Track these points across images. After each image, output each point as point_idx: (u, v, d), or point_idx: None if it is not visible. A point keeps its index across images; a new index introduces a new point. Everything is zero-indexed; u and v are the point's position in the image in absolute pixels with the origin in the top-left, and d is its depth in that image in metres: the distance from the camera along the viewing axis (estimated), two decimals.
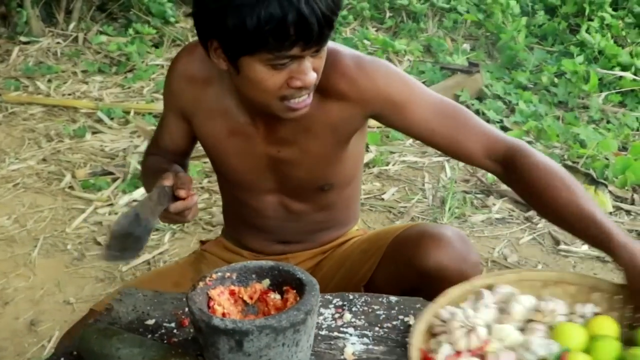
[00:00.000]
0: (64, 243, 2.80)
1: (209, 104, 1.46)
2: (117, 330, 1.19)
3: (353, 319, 1.29)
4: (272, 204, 1.56)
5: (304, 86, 1.27)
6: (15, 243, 2.79)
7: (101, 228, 2.92)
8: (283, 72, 1.25)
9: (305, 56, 1.24)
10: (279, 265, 1.20)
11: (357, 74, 1.39)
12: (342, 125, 1.44)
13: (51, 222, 2.96)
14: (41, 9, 4.98)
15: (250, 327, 1.04)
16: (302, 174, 1.50)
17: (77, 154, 3.57)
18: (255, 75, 1.26)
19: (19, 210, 3.04)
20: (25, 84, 4.39)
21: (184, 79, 1.47)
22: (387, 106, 1.41)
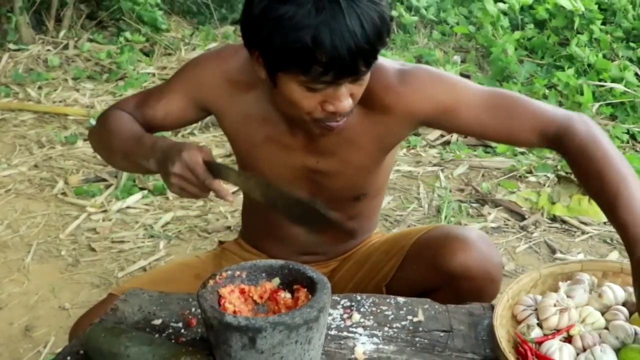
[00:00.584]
0: (58, 249, 2.77)
1: (247, 108, 1.42)
2: (124, 328, 1.17)
3: (362, 319, 1.28)
4: None
5: (337, 112, 1.26)
6: (8, 248, 2.75)
7: (95, 234, 2.89)
8: (318, 94, 1.23)
9: (342, 82, 1.22)
10: (289, 264, 1.19)
11: (402, 87, 1.37)
12: (387, 136, 1.43)
13: (44, 228, 2.92)
14: (31, 17, 4.96)
15: (264, 324, 1.03)
16: (338, 185, 1.48)
17: (69, 160, 3.55)
18: (290, 93, 1.25)
19: (12, 216, 3.00)
20: (16, 91, 4.36)
21: (222, 78, 1.42)
22: (436, 113, 1.39)
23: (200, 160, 1.21)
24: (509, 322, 1.22)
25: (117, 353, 1.10)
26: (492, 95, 1.41)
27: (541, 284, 1.29)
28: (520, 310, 1.22)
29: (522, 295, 1.25)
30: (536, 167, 3.45)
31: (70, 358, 1.18)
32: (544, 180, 3.37)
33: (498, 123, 1.38)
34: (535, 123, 1.36)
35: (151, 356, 1.09)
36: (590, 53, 4.46)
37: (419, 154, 3.74)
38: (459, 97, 1.40)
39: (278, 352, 1.05)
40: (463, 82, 1.43)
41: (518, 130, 1.38)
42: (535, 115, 1.37)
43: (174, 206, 3.15)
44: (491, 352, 1.20)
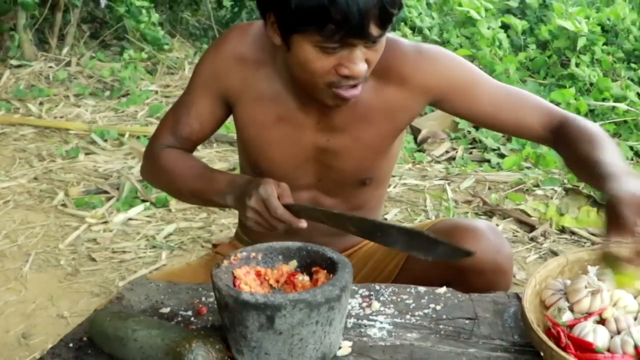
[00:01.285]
0: (57, 259, 2.69)
1: (259, 87, 1.38)
2: (132, 313, 1.11)
3: (382, 308, 1.22)
4: (303, 200, 1.46)
5: (351, 75, 1.23)
6: (5, 258, 2.68)
7: (95, 245, 2.83)
8: (332, 57, 1.21)
9: (357, 45, 1.20)
10: (307, 245, 1.13)
11: (419, 58, 1.37)
12: (400, 113, 1.40)
13: (43, 238, 2.85)
14: (34, 34, 4.94)
15: (284, 301, 0.96)
16: (347, 165, 1.43)
17: (69, 173, 3.49)
18: (304, 55, 1.22)
19: (10, 226, 2.93)
20: (17, 106, 4.32)
21: (233, 59, 1.39)
22: (450, 91, 1.38)
23: (274, 193, 1.23)
24: (537, 309, 1.15)
25: (124, 337, 1.03)
26: (504, 86, 1.43)
27: (568, 270, 1.23)
28: (549, 295, 1.16)
29: (549, 280, 1.19)
30: (543, 181, 3.41)
31: (72, 344, 1.11)
32: (551, 193, 3.32)
33: (509, 110, 1.40)
34: (541, 113, 1.39)
35: (160, 340, 1.02)
36: (590, 72, 4.45)
37: (424, 169, 3.69)
38: (475, 78, 1.41)
39: (297, 334, 0.99)
40: (477, 68, 1.44)
41: (526, 120, 1.40)
42: (541, 107, 1.40)
43: (176, 218, 3.09)
44: (520, 338, 1.13)
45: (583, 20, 4.78)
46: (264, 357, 1.01)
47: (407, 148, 3.87)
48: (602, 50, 4.72)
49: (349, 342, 1.11)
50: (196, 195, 1.41)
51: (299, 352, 1.01)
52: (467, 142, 3.96)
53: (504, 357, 1.09)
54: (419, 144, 3.97)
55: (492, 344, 1.12)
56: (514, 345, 1.12)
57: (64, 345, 1.10)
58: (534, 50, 4.98)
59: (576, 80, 4.51)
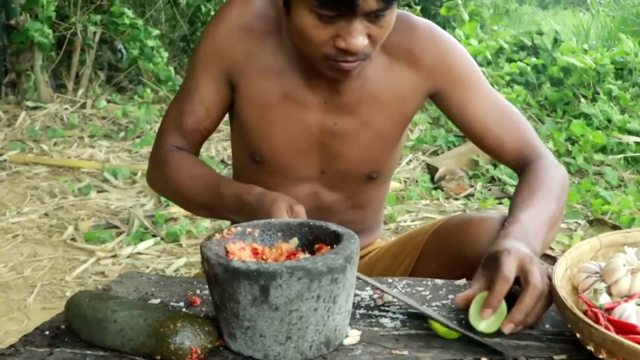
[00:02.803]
0: (63, 290, 2.59)
1: (264, 60, 1.28)
2: (114, 295, 1.00)
3: (395, 299, 1.09)
4: (303, 196, 1.35)
5: (348, 49, 1.14)
6: (10, 289, 2.58)
7: (104, 278, 2.72)
8: (330, 27, 1.13)
9: (356, 16, 1.11)
10: (309, 221, 1.02)
11: (432, 41, 1.30)
12: (409, 98, 1.32)
13: (50, 270, 2.76)
14: (50, 76, 4.97)
15: (279, 268, 0.85)
16: (354, 154, 1.33)
17: (80, 210, 3.42)
18: (302, 21, 1.14)
19: (17, 259, 2.85)
20: (31, 147, 4.30)
21: (237, 30, 1.28)
22: (453, 83, 1.32)
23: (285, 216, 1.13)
24: (569, 295, 1.02)
25: (103, 318, 0.92)
26: (500, 99, 1.38)
27: (602, 255, 1.10)
28: (583, 278, 1.02)
29: (581, 264, 1.06)
30: (566, 215, 3.27)
31: (48, 332, 0.99)
32: (575, 226, 3.19)
33: (495, 126, 1.34)
34: (520, 144, 1.34)
35: (142, 320, 0.90)
36: (604, 109, 4.37)
37: (442, 205, 3.58)
38: (477, 79, 1.35)
39: (296, 310, 0.87)
40: (481, 73, 1.38)
41: (505, 144, 1.35)
42: (523, 137, 1.35)
43: (187, 252, 3.00)
44: (551, 327, 1.00)
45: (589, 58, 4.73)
46: (258, 340, 0.88)
47: (424, 186, 3.77)
48: (618, 88, 4.65)
49: (357, 331, 0.99)
50: (205, 208, 1.33)
51: (298, 335, 0.88)
52: (486, 180, 3.85)
53: (534, 346, 0.96)
54: (436, 181, 3.87)
55: (520, 333, 0.98)
56: (545, 334, 0.98)
57: (39, 332, 0.99)
58: (548, 89, 4.92)
59: (593, 117, 4.43)
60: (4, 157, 4.06)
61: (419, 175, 3.93)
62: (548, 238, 1.19)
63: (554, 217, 1.22)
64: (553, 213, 1.22)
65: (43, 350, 0.94)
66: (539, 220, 1.17)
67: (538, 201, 1.21)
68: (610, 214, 3.24)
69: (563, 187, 1.28)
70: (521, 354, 0.93)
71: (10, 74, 4.96)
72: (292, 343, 0.89)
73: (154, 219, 3.23)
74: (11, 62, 4.96)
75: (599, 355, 0.87)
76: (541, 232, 1.16)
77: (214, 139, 4.41)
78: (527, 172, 1.30)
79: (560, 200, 1.26)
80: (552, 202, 1.23)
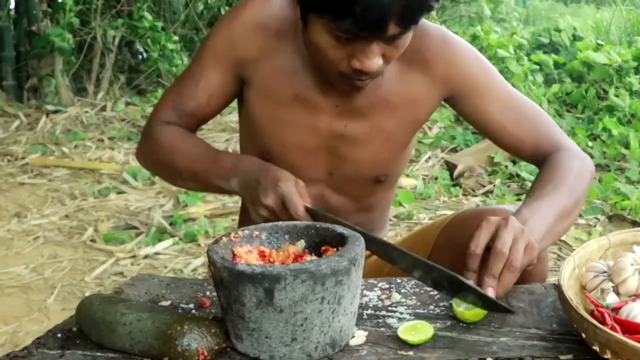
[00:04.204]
0: (82, 291, 2.63)
1: (278, 60, 1.28)
2: (124, 298, 1.01)
3: (403, 299, 1.10)
4: (310, 197, 1.34)
5: (363, 70, 1.14)
6: (30, 290, 2.63)
7: (122, 278, 2.76)
8: (347, 47, 1.13)
9: (373, 39, 1.11)
10: (316, 223, 1.03)
11: (445, 46, 1.30)
12: (421, 103, 1.32)
13: (70, 271, 2.80)
14: (71, 80, 5.03)
15: (283, 271, 0.86)
16: (362, 157, 1.34)
17: (100, 211, 3.46)
18: (318, 39, 1.14)
19: (37, 260, 2.89)
20: (52, 149, 4.36)
21: (253, 26, 1.28)
22: (468, 88, 1.32)
23: (296, 192, 1.15)
24: (577, 295, 1.02)
25: (113, 321, 0.94)
26: (517, 96, 1.37)
27: (611, 254, 1.09)
28: (591, 278, 1.02)
29: (590, 264, 1.06)
30: (585, 210, 3.25)
31: (61, 335, 1.01)
32: (594, 222, 3.16)
33: (514, 125, 1.34)
34: (539, 138, 1.34)
35: (150, 323, 0.92)
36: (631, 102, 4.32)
37: (460, 202, 3.57)
38: (493, 82, 1.35)
39: (301, 312, 0.87)
40: (497, 73, 1.37)
41: (523, 141, 1.34)
42: (542, 131, 1.35)
43: (204, 252, 3.02)
44: (559, 327, 1.00)
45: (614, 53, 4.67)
46: (264, 341, 0.90)
47: (442, 184, 3.76)
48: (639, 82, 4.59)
49: (364, 332, 0.99)
50: (197, 177, 1.28)
51: (303, 336, 0.89)
52: (505, 177, 3.83)
53: (540, 345, 0.96)
54: (455, 178, 3.86)
55: (527, 333, 0.99)
56: (552, 334, 0.98)
57: (52, 335, 1.01)
58: (569, 84, 4.87)
59: (615, 111, 4.37)
60: (25, 160, 4.12)
61: (438, 172, 3.92)
62: (556, 229, 1.18)
63: (565, 209, 1.20)
64: (564, 204, 1.20)
65: (55, 353, 0.96)
66: (544, 212, 1.16)
67: (546, 193, 1.20)
68: (629, 210, 3.21)
69: (580, 176, 1.26)
70: (527, 353, 0.93)
71: (31, 79, 5.02)
72: (297, 344, 0.90)
73: (173, 219, 3.26)
74: (32, 67, 5.03)
75: (604, 355, 0.87)
76: (545, 222, 1.14)
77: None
78: (544, 165, 1.30)
79: (575, 191, 1.24)
80: (563, 193, 1.21)
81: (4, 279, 2.71)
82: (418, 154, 4.23)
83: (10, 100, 5.02)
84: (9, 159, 4.19)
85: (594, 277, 1.02)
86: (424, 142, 4.47)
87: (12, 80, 5.07)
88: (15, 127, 4.72)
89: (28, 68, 5.11)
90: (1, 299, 2.55)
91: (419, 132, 4.42)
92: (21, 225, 3.25)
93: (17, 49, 5.11)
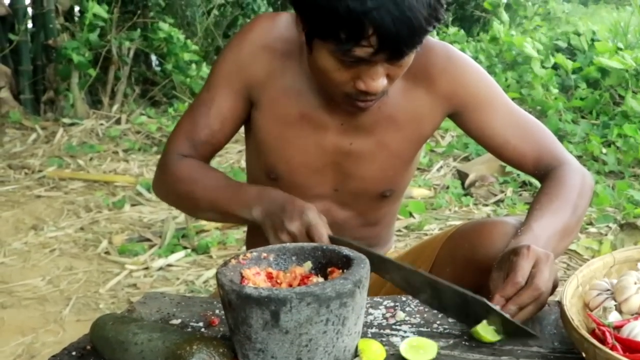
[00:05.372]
0: (97, 303, 2.68)
1: (285, 80, 1.31)
2: (136, 318, 1.04)
3: (407, 318, 1.12)
4: None
5: (368, 91, 1.17)
6: (47, 302, 2.68)
7: (135, 290, 2.80)
8: (351, 70, 1.15)
9: (378, 62, 1.14)
10: (322, 245, 1.06)
11: (448, 62, 1.33)
12: (426, 119, 1.35)
13: (85, 283, 2.85)
14: (86, 92, 5.10)
15: (289, 294, 0.88)
16: (368, 174, 1.36)
17: (115, 223, 3.51)
18: (323, 63, 1.17)
19: (54, 272, 2.95)
20: (68, 162, 4.42)
21: (260, 48, 1.31)
22: (470, 103, 1.34)
23: (322, 222, 1.17)
24: (580, 312, 1.04)
25: (125, 341, 0.97)
26: (518, 112, 1.39)
27: (615, 271, 1.11)
28: (594, 296, 1.04)
29: (594, 282, 1.08)
30: (596, 219, 3.25)
31: (75, 353, 1.05)
32: (606, 230, 3.16)
33: (516, 140, 1.36)
34: (541, 153, 1.36)
35: (161, 342, 0.95)
36: None
37: (471, 212, 3.58)
38: (495, 98, 1.37)
39: (306, 333, 0.90)
40: (500, 89, 1.40)
41: (525, 155, 1.37)
42: (543, 145, 1.37)
43: (217, 264, 3.06)
44: (560, 345, 1.02)
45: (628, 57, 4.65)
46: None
47: (454, 192, 3.78)
48: None
49: None
50: (217, 206, 1.30)
51: (308, 356, 0.92)
52: (516, 185, 3.83)
53: None
54: (467, 187, 3.87)
55: (528, 352, 1.01)
56: (554, 352, 1.00)
57: (67, 353, 1.05)
58: (584, 90, 4.87)
59: (632, 118, 4.36)
60: (43, 173, 4.19)
61: (450, 181, 3.94)
62: (559, 247, 1.20)
63: (569, 226, 1.23)
64: (568, 222, 1.23)
65: None
66: (551, 230, 1.18)
67: (553, 210, 1.22)
68: None
69: (582, 193, 1.28)
70: None
71: (48, 92, 5.10)
72: None
73: (186, 231, 3.31)
74: (49, 80, 5.11)
75: None
76: (552, 241, 1.17)
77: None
78: (547, 180, 1.32)
79: (578, 209, 1.26)
80: (568, 210, 1.24)
81: (22, 290, 2.77)
82: (430, 164, 4.25)
83: (27, 114, 5.10)
84: (26, 172, 4.26)
85: (597, 295, 1.04)
86: (436, 151, 4.49)
87: (29, 94, 5.15)
88: (32, 140, 4.79)
89: (45, 82, 5.18)
90: (18, 310, 2.60)
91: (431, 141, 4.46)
92: (38, 237, 3.31)
93: (34, 63, 5.19)
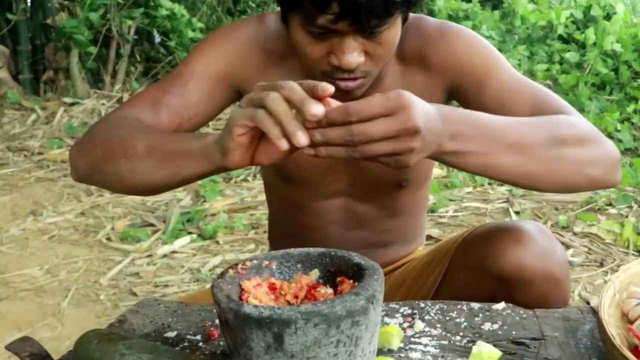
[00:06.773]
0: (97, 294, 2.58)
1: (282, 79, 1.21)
2: (124, 335, 0.94)
3: (427, 328, 1.01)
4: (334, 210, 1.33)
5: (341, 67, 1.07)
6: (45, 293, 2.57)
7: (138, 279, 2.70)
8: (324, 44, 1.07)
9: (348, 33, 1.04)
10: (330, 251, 0.94)
11: (441, 39, 1.22)
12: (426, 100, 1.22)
13: (85, 272, 2.75)
14: (87, 72, 4.97)
15: (293, 314, 0.77)
16: (379, 165, 1.24)
17: (117, 207, 3.41)
18: (297, 37, 1.10)
19: (52, 261, 2.84)
20: (69, 144, 4.31)
21: (255, 47, 1.22)
22: (467, 75, 1.22)
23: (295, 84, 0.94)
24: (618, 322, 0.93)
25: None
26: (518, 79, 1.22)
27: None
28: (633, 306, 0.93)
29: (632, 288, 0.96)
30: (616, 199, 3.12)
31: None
32: (626, 211, 3.04)
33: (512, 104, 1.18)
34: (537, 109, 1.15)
35: None
36: None
37: (486, 192, 3.47)
38: (491, 66, 1.22)
39: (314, 357, 0.79)
40: (499, 55, 1.24)
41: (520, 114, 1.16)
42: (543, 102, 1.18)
43: (223, 250, 2.96)
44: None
45: None
46: None
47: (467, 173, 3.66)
48: None
49: None
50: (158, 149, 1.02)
51: None
52: None
53: None
54: None
55: None
56: None
57: None
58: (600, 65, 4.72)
59: None
60: (43, 155, 4.08)
61: None
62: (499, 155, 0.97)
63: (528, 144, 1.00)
64: (529, 140, 1.00)
65: None
66: (496, 125, 0.99)
67: (518, 120, 1.04)
68: None
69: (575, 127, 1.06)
70: None
71: (47, 72, 4.97)
72: None
73: (190, 215, 3.20)
74: (49, 59, 4.98)
75: None
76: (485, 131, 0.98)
77: None
78: None
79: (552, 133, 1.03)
80: (540, 132, 1.02)
81: (18, 281, 2.67)
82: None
83: (27, 94, 4.98)
84: (25, 154, 4.15)
85: (636, 305, 0.93)
86: None
87: (28, 74, 5.03)
88: (32, 120, 4.67)
89: (44, 61, 5.06)
90: (15, 302, 2.51)
91: None
92: (36, 223, 3.20)
93: (32, 42, 5.06)
